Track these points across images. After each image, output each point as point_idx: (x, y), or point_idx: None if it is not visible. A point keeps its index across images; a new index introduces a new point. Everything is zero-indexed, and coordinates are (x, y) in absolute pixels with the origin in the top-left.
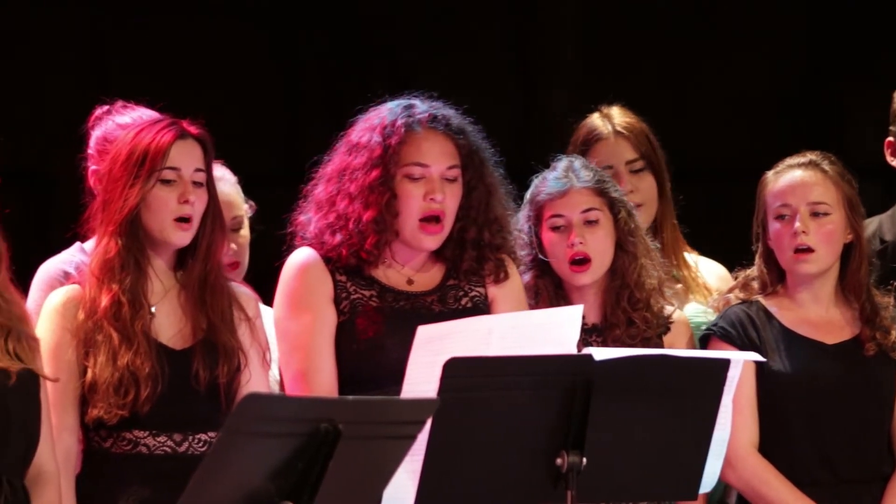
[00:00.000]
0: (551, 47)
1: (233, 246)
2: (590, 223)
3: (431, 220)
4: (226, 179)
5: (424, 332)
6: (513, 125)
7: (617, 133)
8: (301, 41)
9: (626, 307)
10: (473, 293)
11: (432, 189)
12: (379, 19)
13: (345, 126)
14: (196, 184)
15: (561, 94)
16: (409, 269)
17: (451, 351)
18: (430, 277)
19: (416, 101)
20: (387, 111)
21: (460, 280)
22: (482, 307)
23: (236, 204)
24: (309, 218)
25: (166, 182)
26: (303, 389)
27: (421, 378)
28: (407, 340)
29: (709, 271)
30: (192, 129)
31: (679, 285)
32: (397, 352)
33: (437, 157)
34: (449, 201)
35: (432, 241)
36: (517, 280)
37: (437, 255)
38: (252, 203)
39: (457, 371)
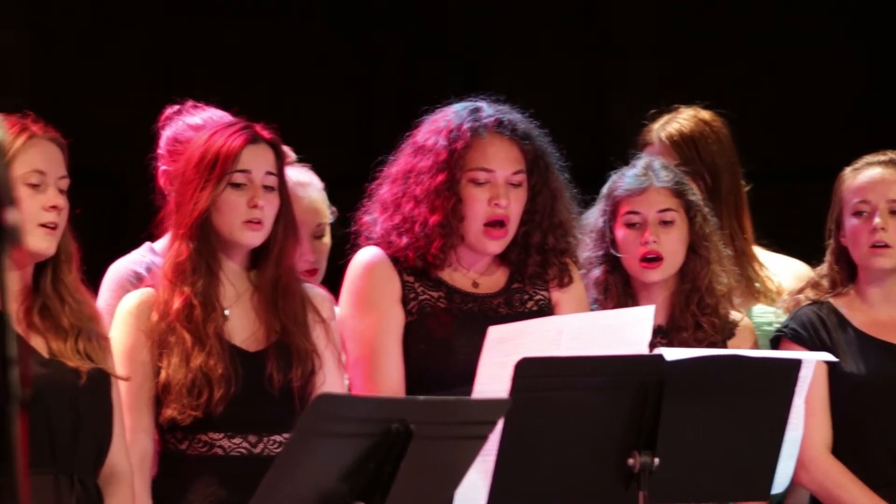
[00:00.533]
0: (622, 52)
1: (318, 252)
2: (665, 223)
3: (496, 224)
4: (313, 185)
5: (495, 333)
6: (582, 129)
7: (662, 140)
8: (375, 42)
9: (694, 311)
10: (538, 296)
11: (497, 194)
12: (453, 21)
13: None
14: (267, 188)
15: (632, 97)
16: (473, 272)
17: (522, 351)
18: (494, 280)
19: (483, 105)
20: (453, 114)
21: (524, 284)
22: (546, 311)
23: (322, 211)
24: (374, 218)
25: (237, 185)
26: (370, 390)
27: (492, 378)
28: (475, 342)
29: (787, 270)
30: (265, 133)
31: (756, 284)
32: (466, 353)
33: (502, 162)
34: (513, 206)
35: (496, 246)
36: (580, 284)
37: (501, 258)
38: (335, 209)
39: (528, 371)
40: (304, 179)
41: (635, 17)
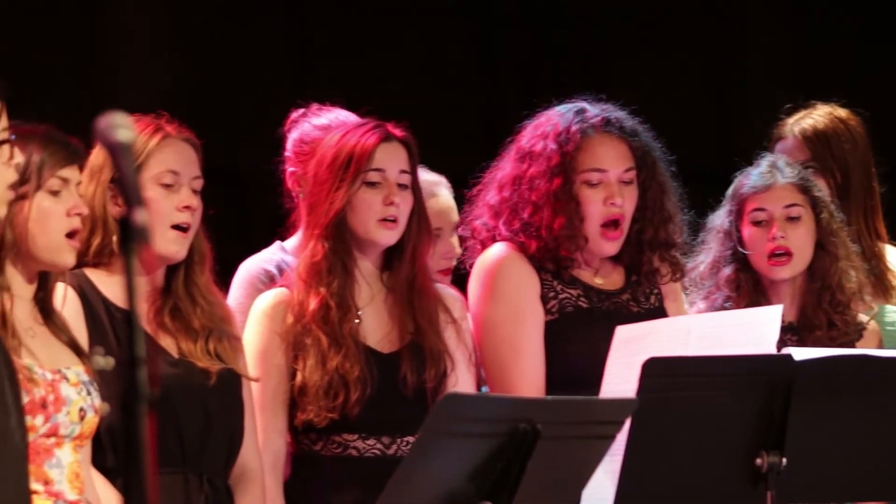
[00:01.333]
0: (745, 50)
1: (457, 250)
2: (792, 219)
3: (611, 224)
4: (444, 183)
5: (623, 333)
6: (705, 129)
7: (795, 135)
8: (500, 43)
9: (827, 308)
10: (656, 290)
11: (611, 193)
12: (577, 21)
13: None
14: (401, 186)
15: (754, 97)
16: (594, 269)
17: (650, 351)
18: (614, 278)
19: (586, 105)
20: (558, 117)
21: (641, 279)
22: (662, 305)
23: (453, 210)
24: (484, 222)
25: (371, 184)
26: (509, 389)
27: (619, 378)
28: (610, 340)
29: None
30: (397, 132)
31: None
32: (603, 352)
33: (613, 160)
34: (627, 204)
35: (612, 247)
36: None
37: (615, 257)
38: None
39: (655, 371)
40: (436, 178)
41: (759, 16)
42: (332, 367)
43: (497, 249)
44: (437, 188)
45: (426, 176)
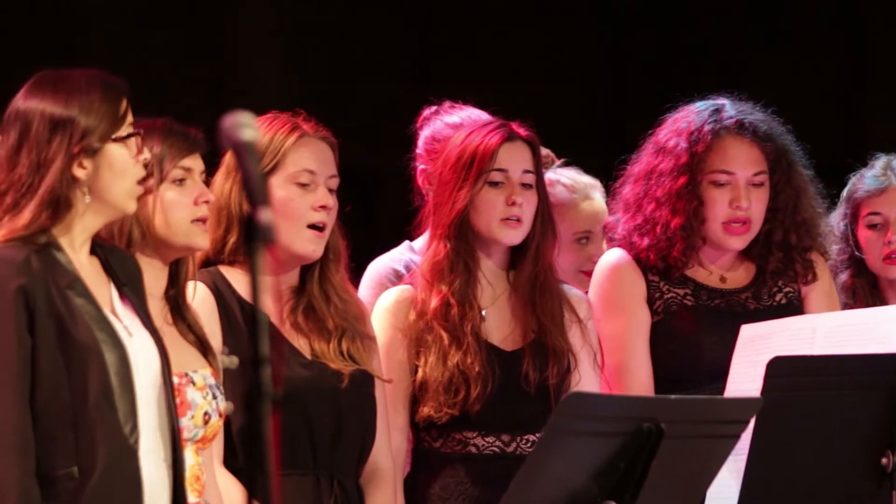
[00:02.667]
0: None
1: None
2: None
3: (736, 223)
4: (596, 186)
5: (748, 331)
6: (832, 127)
7: None
8: (628, 39)
9: None
10: (787, 289)
11: (738, 196)
12: (706, 18)
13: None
14: (525, 185)
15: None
16: (718, 268)
17: (774, 350)
18: (741, 275)
19: (725, 104)
20: (694, 115)
21: (769, 278)
22: (796, 304)
23: (603, 214)
24: (617, 218)
25: (494, 184)
26: (619, 390)
27: (744, 377)
28: (724, 338)
29: None
30: (521, 131)
31: None
32: (714, 350)
33: (743, 164)
34: (755, 206)
35: (738, 242)
36: (827, 280)
37: (745, 254)
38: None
39: (780, 370)
40: (591, 181)
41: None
42: (453, 364)
43: (609, 255)
44: (592, 191)
45: (581, 178)
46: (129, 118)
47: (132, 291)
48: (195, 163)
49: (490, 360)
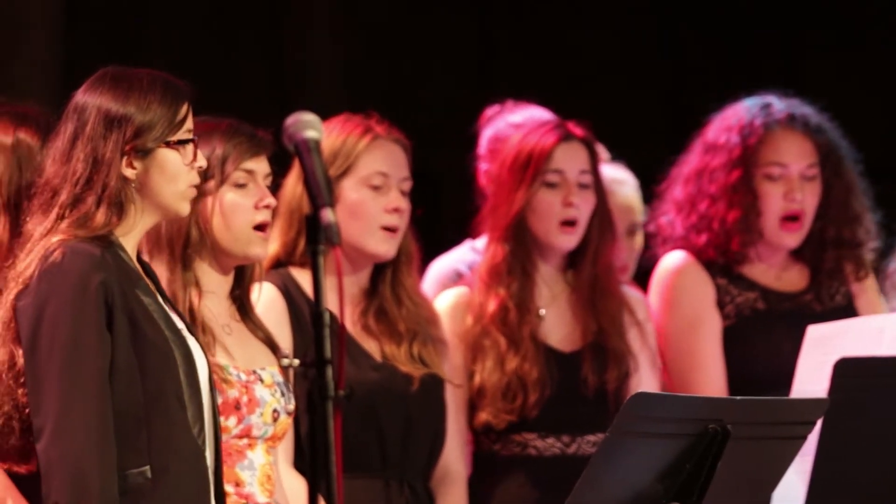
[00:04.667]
0: None
1: (634, 249)
2: None
3: (791, 218)
4: (628, 183)
5: (814, 332)
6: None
7: None
8: (688, 39)
9: None
10: (843, 288)
11: (791, 188)
12: (767, 17)
13: None
14: (582, 186)
15: None
16: (773, 268)
17: (841, 351)
18: (796, 277)
19: (774, 100)
20: (744, 110)
21: (825, 278)
22: (851, 303)
23: (635, 209)
24: (670, 219)
25: (551, 185)
26: (691, 393)
27: (811, 378)
28: (796, 341)
29: None
30: (577, 131)
31: None
32: (788, 353)
33: (795, 156)
34: (808, 200)
35: (793, 239)
36: (873, 278)
37: (797, 254)
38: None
39: (847, 371)
40: (619, 177)
41: None
42: (511, 370)
43: (673, 258)
44: (620, 187)
45: (612, 174)
46: (189, 124)
47: (166, 299)
48: (259, 165)
49: (548, 363)
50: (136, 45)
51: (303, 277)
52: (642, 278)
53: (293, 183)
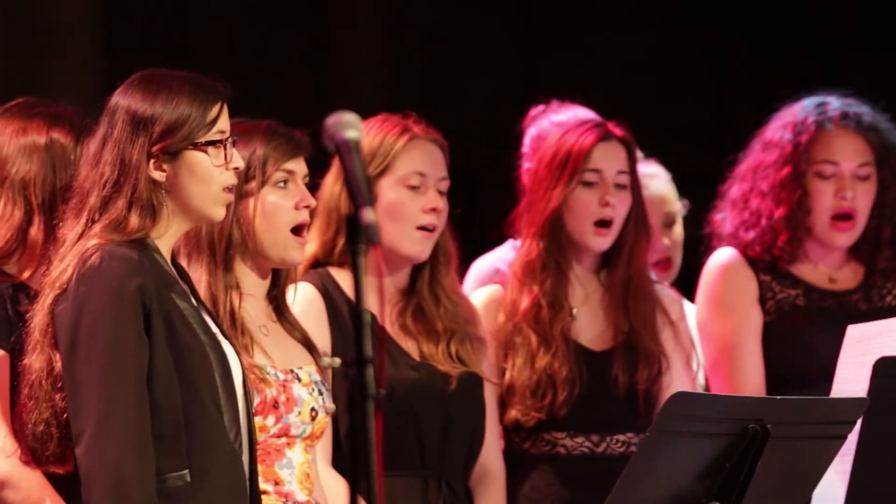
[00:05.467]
0: None
1: (665, 241)
2: None
3: (842, 217)
4: (659, 176)
5: (854, 332)
6: None
7: None
8: (732, 39)
9: None
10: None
11: (843, 187)
12: (810, 18)
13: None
14: (619, 186)
15: None
16: (826, 266)
17: (882, 350)
18: (850, 275)
19: (830, 99)
20: (799, 108)
21: (881, 278)
22: None
23: (669, 199)
24: (724, 216)
25: (588, 184)
26: (730, 390)
27: (851, 377)
28: (836, 340)
29: None
30: (617, 131)
31: None
32: (826, 351)
33: (848, 154)
34: (861, 199)
35: (844, 238)
36: None
37: (853, 253)
38: (686, 201)
39: (887, 371)
40: (649, 171)
41: None
42: (541, 367)
43: (719, 255)
44: (651, 180)
45: (642, 169)
46: (221, 125)
47: (201, 302)
48: (298, 166)
49: (578, 361)
50: (175, 45)
51: (341, 277)
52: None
53: (331, 183)
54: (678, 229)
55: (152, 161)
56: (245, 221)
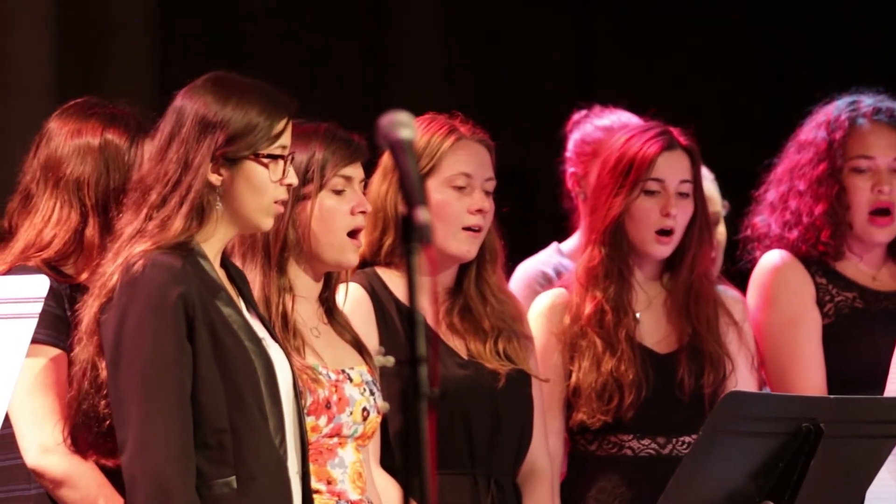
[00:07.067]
0: None
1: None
2: None
3: (881, 212)
4: (704, 176)
5: None
6: None
7: None
8: (788, 40)
9: None
10: None
11: (879, 181)
12: (866, 17)
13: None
14: (681, 195)
15: None
16: (868, 266)
17: None
18: (888, 276)
19: (862, 96)
20: (832, 107)
21: None
22: None
23: (713, 200)
24: (764, 219)
25: (650, 193)
26: (790, 392)
27: None
28: (892, 339)
29: None
30: (681, 140)
31: None
32: (888, 353)
33: (883, 148)
34: None
35: (883, 234)
36: None
37: (892, 253)
38: (727, 203)
39: None
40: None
41: None
42: (607, 370)
43: (773, 256)
44: None
45: None
46: (285, 140)
47: (253, 304)
48: (356, 171)
49: (644, 364)
50: (232, 45)
51: (388, 277)
52: (736, 278)
53: (378, 182)
54: (721, 230)
55: (211, 164)
56: (301, 224)
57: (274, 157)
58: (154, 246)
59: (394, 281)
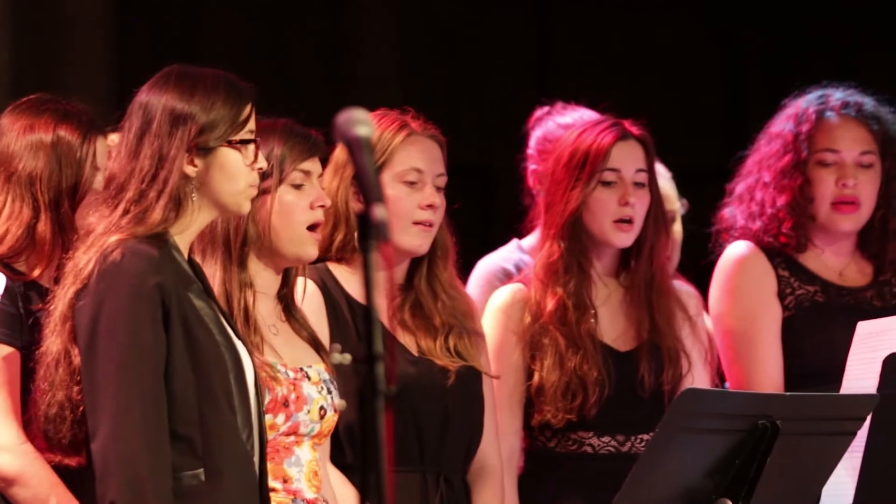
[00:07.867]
0: None
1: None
2: None
3: (844, 203)
4: (660, 174)
5: (864, 328)
6: None
7: None
8: (744, 37)
9: None
10: None
11: (844, 174)
12: (821, 13)
13: None
14: (637, 185)
15: None
16: (834, 262)
17: (891, 346)
18: (860, 272)
19: (832, 91)
20: (803, 100)
21: (891, 274)
22: None
23: (670, 198)
24: (731, 211)
25: (607, 184)
26: (748, 386)
27: (860, 374)
28: (850, 335)
29: None
30: (634, 130)
31: None
32: (845, 347)
33: (849, 142)
34: (863, 187)
35: (847, 223)
36: None
37: (862, 249)
38: (685, 201)
39: None
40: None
41: None
42: (571, 368)
43: (737, 247)
44: None
45: None
46: (251, 125)
47: (214, 300)
48: (314, 166)
49: (606, 362)
50: (187, 41)
51: (340, 272)
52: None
53: (330, 178)
54: (677, 227)
55: (186, 156)
56: (261, 219)
57: (245, 143)
58: (131, 236)
59: (345, 277)
